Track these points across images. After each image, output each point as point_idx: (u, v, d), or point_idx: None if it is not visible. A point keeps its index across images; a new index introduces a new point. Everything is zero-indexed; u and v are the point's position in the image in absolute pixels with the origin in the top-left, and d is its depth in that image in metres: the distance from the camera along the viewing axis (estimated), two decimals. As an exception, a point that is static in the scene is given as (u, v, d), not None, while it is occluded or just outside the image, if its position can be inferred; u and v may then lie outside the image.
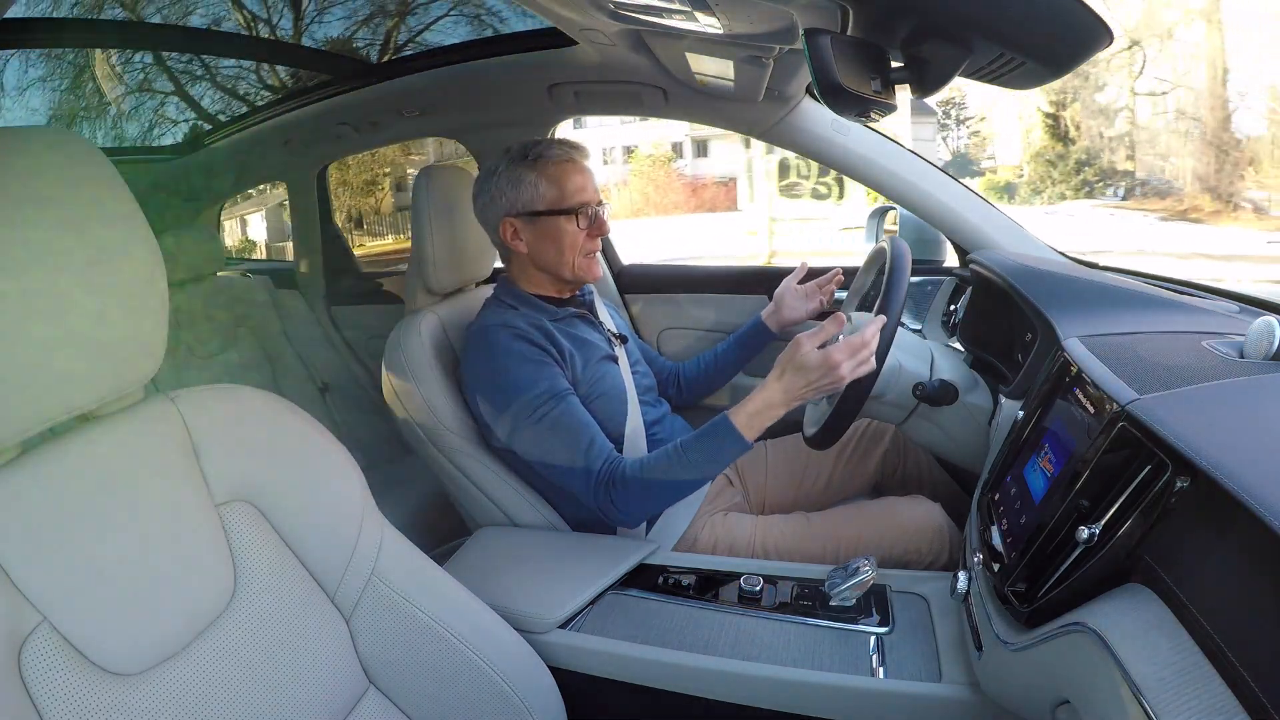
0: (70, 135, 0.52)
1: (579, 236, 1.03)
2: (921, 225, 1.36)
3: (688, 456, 0.89)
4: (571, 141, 1.07)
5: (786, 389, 0.86)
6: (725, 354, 1.30)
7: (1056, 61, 0.58)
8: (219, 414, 0.61)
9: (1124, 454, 0.52)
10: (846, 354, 0.83)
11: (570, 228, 1.02)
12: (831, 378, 0.84)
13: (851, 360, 0.83)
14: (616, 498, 0.91)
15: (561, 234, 1.02)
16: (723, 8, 0.72)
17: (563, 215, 1.01)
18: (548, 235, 1.02)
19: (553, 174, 1.01)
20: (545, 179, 1.01)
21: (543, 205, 1.01)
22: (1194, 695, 0.38)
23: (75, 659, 0.48)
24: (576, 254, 1.03)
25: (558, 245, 1.02)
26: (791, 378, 0.86)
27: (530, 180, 1.01)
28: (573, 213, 1.02)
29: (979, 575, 0.69)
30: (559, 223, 1.02)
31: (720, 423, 0.89)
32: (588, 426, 0.95)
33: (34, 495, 0.49)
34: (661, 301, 1.66)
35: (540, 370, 0.96)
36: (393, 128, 1.69)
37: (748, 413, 0.88)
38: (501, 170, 1.03)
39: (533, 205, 1.02)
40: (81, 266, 0.49)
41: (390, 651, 0.67)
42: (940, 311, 1.37)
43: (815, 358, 0.84)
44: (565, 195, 1.01)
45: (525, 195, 1.02)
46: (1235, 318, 0.83)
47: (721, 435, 0.88)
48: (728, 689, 0.75)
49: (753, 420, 0.88)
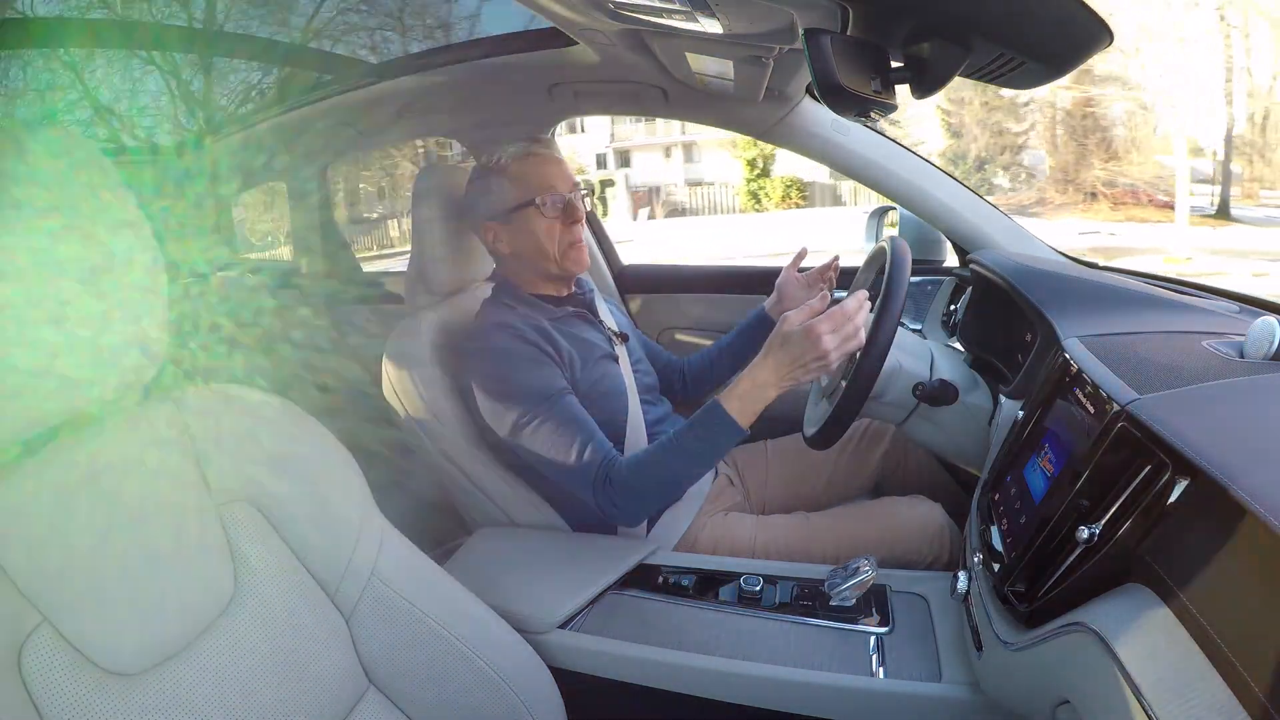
0: (71, 135, 0.52)
1: (554, 226, 1.02)
2: (921, 225, 1.37)
3: (682, 446, 0.88)
4: (536, 137, 1.07)
5: (775, 366, 0.85)
6: (729, 346, 1.29)
7: (1056, 61, 0.58)
8: (220, 415, 0.61)
9: (1124, 454, 0.52)
10: (829, 326, 0.82)
11: (540, 219, 1.02)
12: (816, 350, 0.82)
13: (835, 334, 0.81)
14: (615, 496, 0.90)
15: (535, 227, 1.02)
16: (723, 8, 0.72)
17: (530, 208, 1.01)
18: (522, 231, 1.03)
19: (515, 171, 1.02)
20: (508, 178, 1.02)
21: (511, 203, 1.02)
22: (1194, 695, 0.38)
23: (75, 659, 0.48)
24: (556, 245, 1.03)
25: (534, 239, 1.02)
26: (778, 353, 0.85)
27: (496, 183, 1.03)
28: (534, 202, 1.01)
29: (979, 575, 0.69)
30: (528, 215, 1.02)
31: (711, 407, 0.87)
32: (585, 425, 0.94)
33: (35, 496, 0.49)
34: (661, 301, 1.67)
35: (538, 370, 0.96)
36: (393, 128, 1.70)
37: (738, 395, 0.86)
38: (474, 179, 1.05)
39: (503, 205, 1.03)
40: (82, 267, 0.49)
41: (390, 651, 0.67)
42: (940, 311, 1.37)
43: (799, 330, 0.83)
44: (529, 188, 1.02)
45: (494, 198, 1.03)
46: (1235, 318, 0.83)
47: (714, 421, 0.87)
48: (728, 689, 0.75)
49: (745, 403, 0.86)
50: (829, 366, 0.83)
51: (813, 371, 0.84)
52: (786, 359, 0.84)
